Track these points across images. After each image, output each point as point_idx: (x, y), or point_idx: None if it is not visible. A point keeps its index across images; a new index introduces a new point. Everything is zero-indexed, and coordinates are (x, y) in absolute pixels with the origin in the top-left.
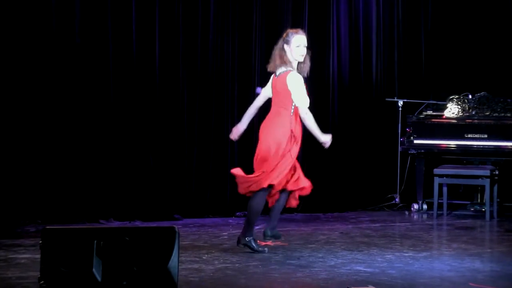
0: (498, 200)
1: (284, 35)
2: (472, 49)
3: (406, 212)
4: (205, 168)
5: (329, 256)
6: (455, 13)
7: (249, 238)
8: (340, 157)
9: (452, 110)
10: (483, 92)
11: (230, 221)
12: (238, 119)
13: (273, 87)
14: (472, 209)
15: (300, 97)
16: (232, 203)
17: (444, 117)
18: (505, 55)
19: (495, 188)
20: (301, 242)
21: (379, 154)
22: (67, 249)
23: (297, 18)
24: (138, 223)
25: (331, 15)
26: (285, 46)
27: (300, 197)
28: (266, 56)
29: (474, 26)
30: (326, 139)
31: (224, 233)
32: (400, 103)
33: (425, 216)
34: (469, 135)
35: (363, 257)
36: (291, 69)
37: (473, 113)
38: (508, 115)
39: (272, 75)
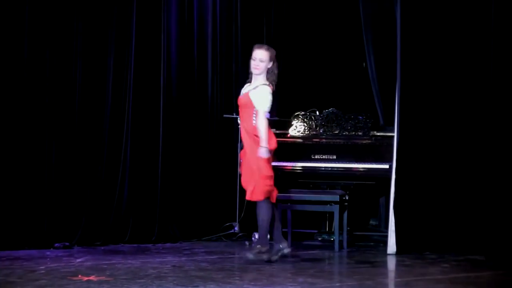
0: (348, 228)
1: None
2: (320, 60)
3: (247, 242)
4: (19, 193)
5: None
6: (301, 21)
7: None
8: (172, 181)
9: (297, 128)
10: (331, 108)
11: (48, 253)
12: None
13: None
14: (319, 239)
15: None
16: (50, 233)
17: (288, 135)
18: (355, 68)
19: (345, 215)
20: (129, 276)
21: (216, 177)
22: None
23: (124, 23)
24: None
25: (162, 20)
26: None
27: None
28: (88, 65)
29: (322, 35)
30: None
31: (41, 267)
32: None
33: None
34: (317, 156)
35: None
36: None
37: (321, 131)
38: (360, 133)
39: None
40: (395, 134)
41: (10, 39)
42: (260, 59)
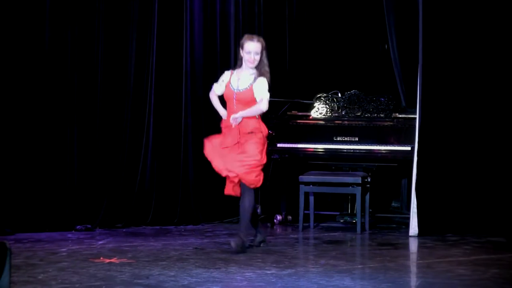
0: (370, 210)
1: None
2: (342, 42)
3: (269, 224)
4: (41, 176)
5: (182, 274)
6: (323, 3)
7: None
8: (194, 163)
9: (319, 110)
10: (353, 90)
11: (70, 235)
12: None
13: None
14: (341, 221)
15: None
16: (72, 215)
17: (310, 117)
18: (377, 49)
19: (367, 197)
20: (151, 258)
21: None
22: None
23: (146, 5)
24: None
25: (185, 2)
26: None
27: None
28: (109, 49)
29: (345, 18)
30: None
31: (62, 249)
32: None
33: (289, 229)
34: (339, 138)
35: (221, 275)
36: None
37: (343, 113)
38: (381, 115)
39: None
40: (417, 116)
41: (31, 20)
42: (256, 52)
